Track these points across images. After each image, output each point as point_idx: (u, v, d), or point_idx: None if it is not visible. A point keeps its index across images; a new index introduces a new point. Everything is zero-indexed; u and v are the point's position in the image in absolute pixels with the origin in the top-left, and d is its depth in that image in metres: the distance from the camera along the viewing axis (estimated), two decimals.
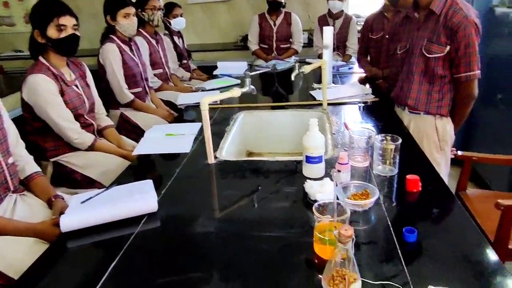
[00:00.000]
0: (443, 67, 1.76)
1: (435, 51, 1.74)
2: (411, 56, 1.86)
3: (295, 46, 3.78)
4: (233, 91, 1.54)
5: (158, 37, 2.99)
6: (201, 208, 1.24)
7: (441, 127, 1.84)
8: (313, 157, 1.31)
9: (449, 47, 1.71)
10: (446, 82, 1.79)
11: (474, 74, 1.71)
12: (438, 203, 1.17)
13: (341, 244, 0.80)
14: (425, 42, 1.77)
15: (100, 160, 1.83)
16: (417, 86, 1.83)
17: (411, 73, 1.85)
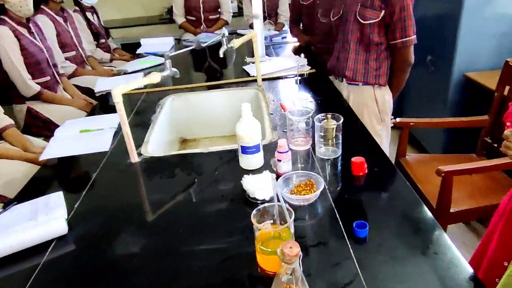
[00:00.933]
0: (378, 33, 1.68)
1: (370, 17, 1.64)
2: (345, 24, 1.75)
3: (224, 17, 3.54)
4: (152, 76, 1.33)
5: (66, 14, 2.60)
6: (124, 221, 1.04)
7: (380, 97, 1.77)
8: (249, 147, 1.16)
9: (383, 12, 1.61)
10: (383, 49, 1.70)
11: (410, 40, 1.63)
12: (385, 185, 1.09)
13: (286, 264, 0.67)
14: (358, 7, 1.66)
15: (2, 169, 1.53)
16: (353, 55, 1.74)
17: (346, 42, 1.74)
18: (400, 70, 1.74)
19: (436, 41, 2.48)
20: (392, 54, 1.73)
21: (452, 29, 2.28)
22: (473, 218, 1.80)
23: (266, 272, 0.81)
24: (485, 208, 1.66)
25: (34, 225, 0.98)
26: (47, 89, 2.09)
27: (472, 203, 1.71)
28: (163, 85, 2.00)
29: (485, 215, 1.75)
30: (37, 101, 2.06)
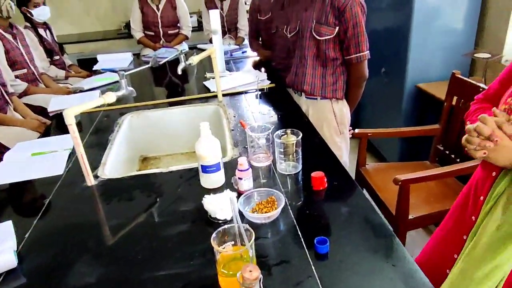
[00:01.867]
0: (334, 49, 1.73)
1: (325, 33, 1.69)
2: (302, 40, 1.79)
3: (184, 32, 3.52)
4: (106, 96, 1.29)
5: (16, 31, 2.49)
6: (79, 249, 0.99)
7: (338, 110, 1.82)
8: (209, 166, 1.15)
9: (338, 28, 1.67)
10: (338, 64, 1.76)
11: (364, 55, 1.70)
12: (345, 199, 1.11)
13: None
14: (314, 24, 1.71)
15: None
16: (311, 70, 1.78)
17: (304, 58, 1.78)
18: (356, 84, 1.80)
19: (389, 53, 2.60)
20: (347, 69, 1.78)
21: (403, 43, 2.40)
22: (430, 223, 1.88)
23: None
24: (440, 213, 1.74)
25: None
26: None
27: (428, 209, 1.78)
28: (122, 102, 1.95)
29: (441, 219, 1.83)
30: None
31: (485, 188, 0.96)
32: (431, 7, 2.28)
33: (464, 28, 2.36)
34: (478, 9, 2.33)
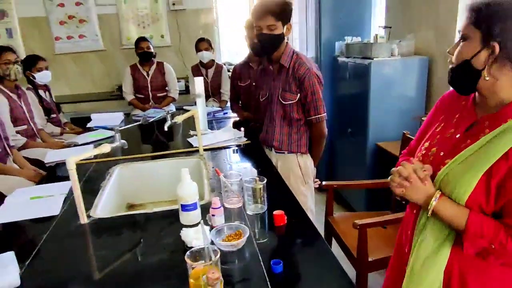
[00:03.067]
0: (297, 111, 2.03)
1: (289, 99, 2.00)
2: (271, 103, 2.10)
3: (172, 94, 3.87)
4: (102, 147, 1.53)
5: (20, 91, 2.77)
6: (73, 274, 1.17)
7: (302, 163, 2.08)
8: (187, 205, 1.36)
9: (299, 95, 1.98)
10: (302, 124, 2.06)
11: (322, 116, 2.01)
12: (301, 233, 1.33)
13: (210, 287, 0.86)
14: (280, 91, 2.02)
15: None
16: (279, 129, 2.07)
17: (273, 118, 2.08)
18: (317, 141, 2.09)
19: (354, 116, 2.95)
20: (309, 128, 2.08)
21: (364, 107, 2.75)
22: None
23: None
24: None
25: None
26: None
27: (387, 252, 1.98)
28: (112, 155, 2.18)
29: None
30: None
31: (410, 224, 1.20)
32: (386, 77, 2.67)
33: (415, 95, 2.75)
34: (426, 79, 2.73)
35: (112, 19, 4.61)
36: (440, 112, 1.22)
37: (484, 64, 0.99)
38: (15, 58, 2.64)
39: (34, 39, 4.51)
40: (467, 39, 1.02)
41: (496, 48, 0.97)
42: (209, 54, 3.68)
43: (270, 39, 1.90)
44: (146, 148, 2.48)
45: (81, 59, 4.69)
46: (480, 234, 0.98)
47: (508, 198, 0.96)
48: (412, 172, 1.07)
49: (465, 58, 1.02)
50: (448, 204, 1.04)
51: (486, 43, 0.98)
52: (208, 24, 4.82)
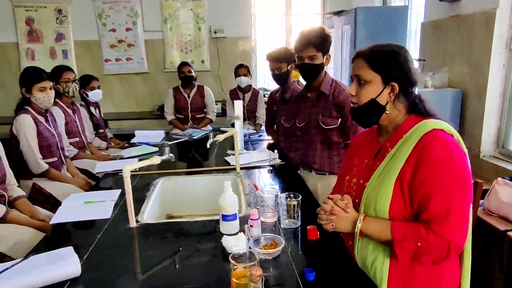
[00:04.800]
0: (337, 135, 2.14)
1: (330, 123, 2.11)
2: (310, 128, 2.21)
3: (209, 116, 4.08)
4: (153, 159, 1.69)
5: (75, 107, 3.04)
6: (124, 270, 1.31)
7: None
8: (228, 215, 1.49)
9: (340, 119, 2.10)
10: (342, 147, 2.16)
11: None
12: (332, 247, 1.41)
13: (253, 283, 0.97)
14: (320, 117, 2.14)
15: (11, 232, 1.77)
16: (320, 152, 2.18)
17: (313, 142, 2.19)
18: None
19: None
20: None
21: None
22: None
23: None
24: None
25: (53, 267, 1.23)
26: (54, 168, 2.40)
27: None
28: (154, 169, 2.35)
29: None
30: (43, 178, 2.36)
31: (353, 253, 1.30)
32: None
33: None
34: (459, 111, 2.78)
35: (157, 44, 4.95)
36: (353, 151, 1.46)
37: (386, 100, 1.24)
38: (73, 77, 2.91)
39: (85, 60, 4.90)
40: (369, 82, 1.24)
41: (395, 87, 1.23)
42: (247, 79, 3.87)
43: (311, 69, 2.04)
44: (185, 165, 2.64)
45: (127, 80, 5.03)
46: (405, 238, 1.11)
47: (419, 195, 1.12)
48: (334, 205, 1.24)
49: (372, 97, 1.24)
50: (372, 222, 1.19)
51: (386, 83, 1.23)
52: (246, 51, 5.07)
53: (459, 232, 1.09)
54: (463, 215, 1.11)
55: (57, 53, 4.81)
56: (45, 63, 4.48)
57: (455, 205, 1.09)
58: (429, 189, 1.11)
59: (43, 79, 2.30)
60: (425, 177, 1.12)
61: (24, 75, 2.33)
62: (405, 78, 1.23)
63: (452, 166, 1.11)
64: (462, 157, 1.13)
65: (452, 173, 1.11)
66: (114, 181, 2.29)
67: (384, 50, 1.26)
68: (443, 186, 1.10)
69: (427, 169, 1.12)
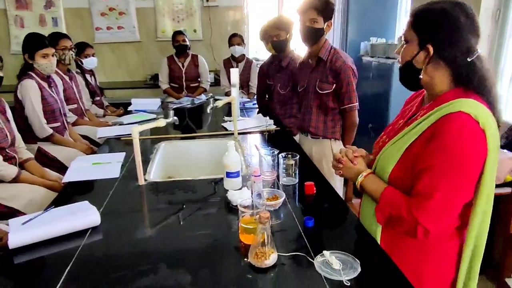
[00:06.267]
0: (332, 101, 2.27)
1: (325, 89, 2.23)
2: (308, 94, 2.34)
3: (203, 85, 4.14)
4: (159, 121, 1.78)
5: (71, 74, 3.08)
6: (138, 220, 1.43)
7: (335, 148, 2.32)
8: (232, 172, 1.61)
9: (335, 85, 2.21)
10: (336, 113, 2.29)
11: (354, 105, 2.25)
12: (328, 200, 1.56)
13: (261, 225, 1.10)
14: (317, 82, 2.26)
15: (24, 191, 1.87)
16: (315, 116, 2.31)
17: (310, 107, 2.32)
18: (349, 128, 2.33)
19: (375, 113, 3.15)
20: (342, 116, 2.32)
21: (385, 104, 2.95)
22: None
23: (245, 243, 1.21)
24: None
25: (76, 217, 1.34)
26: (57, 133, 2.48)
27: None
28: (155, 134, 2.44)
29: None
30: (47, 142, 2.43)
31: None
32: None
33: None
34: None
35: (149, 12, 4.91)
36: (401, 110, 1.42)
37: (422, 64, 1.15)
38: (70, 45, 2.93)
39: (76, 28, 4.84)
40: (407, 42, 1.17)
41: (430, 50, 1.12)
42: (241, 48, 3.92)
43: (311, 32, 2.14)
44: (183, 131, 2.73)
45: (118, 49, 5.00)
46: (388, 203, 1.16)
47: (416, 170, 1.11)
48: (344, 155, 1.35)
49: (407, 59, 1.18)
50: (372, 180, 1.25)
51: (422, 46, 1.13)
52: (238, 20, 5.08)
53: (433, 218, 1.07)
54: (446, 204, 1.07)
55: (46, 20, 4.74)
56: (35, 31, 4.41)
57: (441, 191, 1.06)
58: (424, 167, 1.09)
59: (46, 46, 2.34)
60: (427, 154, 1.09)
61: (27, 42, 2.36)
62: (446, 42, 1.09)
63: (456, 154, 1.05)
64: (474, 148, 1.05)
65: (452, 161, 1.05)
66: (115, 145, 2.38)
67: (431, 8, 1.12)
68: (438, 169, 1.06)
69: (431, 148, 1.08)
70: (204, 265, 1.13)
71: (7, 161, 1.88)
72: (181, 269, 1.11)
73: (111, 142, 2.45)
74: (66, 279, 1.07)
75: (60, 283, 1.05)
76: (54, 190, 1.93)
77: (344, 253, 1.12)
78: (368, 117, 3.27)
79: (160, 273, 1.09)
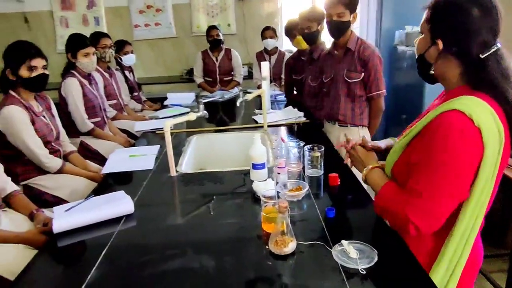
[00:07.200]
0: (360, 88, 2.32)
1: (354, 77, 2.29)
2: (336, 83, 2.38)
3: (236, 78, 4.21)
4: (189, 115, 1.86)
5: (111, 71, 3.25)
6: (169, 209, 1.52)
7: (362, 135, 2.33)
8: (258, 164, 1.66)
9: (363, 74, 2.24)
10: (363, 100, 2.33)
11: (382, 92, 2.29)
12: (352, 192, 1.57)
13: (280, 214, 1.14)
14: (345, 71, 2.30)
15: (68, 182, 2.03)
16: (343, 104, 2.36)
17: (338, 96, 2.37)
18: (375, 115, 2.38)
19: (409, 104, 3.08)
20: (369, 104, 2.35)
21: (419, 95, 2.88)
22: None
23: (266, 232, 1.26)
24: None
25: (111, 205, 1.45)
26: (98, 127, 2.65)
27: None
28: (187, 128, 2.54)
29: None
30: (89, 136, 2.61)
31: None
32: None
33: None
34: None
35: (184, 8, 5.04)
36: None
37: (434, 58, 1.11)
38: (110, 43, 3.10)
39: (116, 27, 5.06)
40: (422, 34, 1.15)
41: (440, 45, 1.08)
42: (273, 41, 3.95)
43: (339, 26, 2.19)
44: (215, 124, 2.82)
45: (156, 45, 5.18)
46: (384, 197, 1.17)
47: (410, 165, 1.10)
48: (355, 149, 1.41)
49: (420, 52, 1.15)
50: (376, 174, 1.28)
51: (433, 40, 1.10)
52: (271, 13, 5.09)
53: (422, 216, 1.04)
54: (434, 202, 1.04)
55: (89, 20, 5.00)
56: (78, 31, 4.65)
57: (428, 190, 1.04)
58: (414, 163, 1.09)
59: (87, 46, 2.50)
60: (417, 151, 1.09)
61: (70, 42, 2.53)
62: (456, 37, 1.06)
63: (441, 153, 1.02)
64: (462, 148, 1.01)
65: (437, 160, 1.03)
66: (151, 138, 2.51)
67: (445, 0, 1.08)
68: (424, 167, 1.05)
69: (422, 145, 1.08)
70: (228, 251, 1.20)
71: (52, 154, 2.04)
72: (206, 254, 1.18)
73: (148, 136, 2.58)
74: (102, 260, 1.17)
75: (97, 264, 1.15)
76: (95, 180, 2.08)
77: (363, 243, 1.14)
78: (401, 108, 3.21)
79: (186, 257, 1.17)
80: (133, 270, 1.13)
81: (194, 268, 1.12)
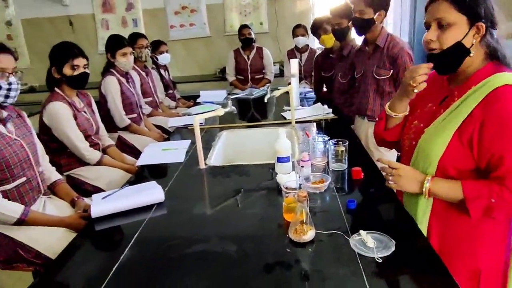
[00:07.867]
0: (389, 85, 2.30)
1: (383, 74, 2.27)
2: (366, 79, 2.38)
3: (268, 76, 4.27)
4: (218, 111, 1.94)
5: (147, 70, 3.40)
6: (198, 199, 1.61)
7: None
8: (282, 157, 1.71)
9: (392, 71, 2.23)
10: (392, 96, 2.29)
11: None
12: (374, 186, 1.59)
13: (299, 203, 1.19)
14: (374, 68, 2.29)
15: (106, 173, 2.17)
16: (372, 100, 2.36)
17: (367, 91, 2.37)
18: None
19: None
20: None
21: None
22: None
23: (287, 221, 1.31)
24: None
25: (144, 194, 1.55)
26: (134, 123, 2.79)
27: None
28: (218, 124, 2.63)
29: None
30: (126, 132, 2.76)
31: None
32: None
33: None
34: None
35: (218, 8, 5.16)
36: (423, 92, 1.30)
37: (471, 43, 1.15)
38: (146, 43, 3.25)
39: (153, 28, 5.27)
40: (453, 25, 1.14)
41: (482, 27, 1.13)
42: (304, 39, 3.97)
43: (359, 23, 2.19)
44: (245, 120, 2.90)
45: (190, 45, 5.34)
46: (477, 195, 1.12)
47: (490, 154, 1.10)
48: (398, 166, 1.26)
49: (457, 40, 1.15)
50: (440, 182, 1.19)
51: (472, 24, 1.14)
52: (303, 11, 5.10)
53: None
54: None
55: (127, 22, 5.23)
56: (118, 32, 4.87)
57: None
58: (500, 148, 1.08)
59: (125, 46, 2.65)
60: (495, 136, 1.09)
61: (109, 43, 2.70)
62: (491, 17, 1.13)
63: None
64: None
65: None
66: (184, 133, 2.61)
67: None
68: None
69: (496, 127, 1.08)
70: (249, 238, 1.26)
71: (92, 147, 2.19)
72: (229, 240, 1.25)
73: (181, 131, 2.69)
74: (134, 243, 1.27)
75: (129, 246, 1.25)
76: (130, 172, 2.20)
77: (381, 233, 1.16)
78: None
79: (210, 242, 1.25)
80: (161, 253, 1.22)
81: (217, 252, 1.19)
